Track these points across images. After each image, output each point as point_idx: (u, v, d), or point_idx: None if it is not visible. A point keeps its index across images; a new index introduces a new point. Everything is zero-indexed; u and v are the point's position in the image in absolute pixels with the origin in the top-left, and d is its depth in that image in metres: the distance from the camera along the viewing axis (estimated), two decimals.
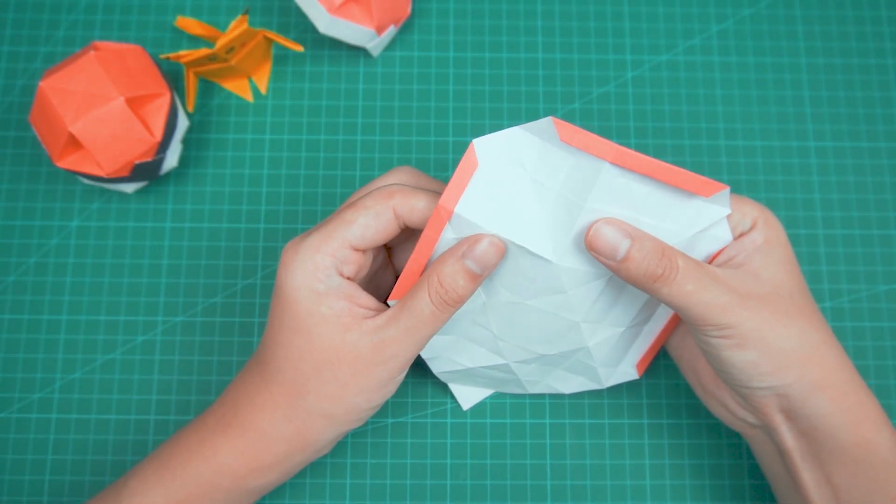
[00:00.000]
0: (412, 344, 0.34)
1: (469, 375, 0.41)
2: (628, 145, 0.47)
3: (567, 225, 0.33)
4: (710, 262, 0.36)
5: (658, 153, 0.46)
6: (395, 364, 0.34)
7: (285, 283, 0.34)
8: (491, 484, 0.42)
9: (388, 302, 0.35)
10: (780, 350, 0.34)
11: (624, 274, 0.33)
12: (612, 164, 0.32)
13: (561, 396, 0.43)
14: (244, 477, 0.36)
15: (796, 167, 0.47)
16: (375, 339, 0.34)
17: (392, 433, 0.43)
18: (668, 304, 0.34)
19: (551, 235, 0.33)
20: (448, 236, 0.33)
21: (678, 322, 0.40)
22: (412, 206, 0.34)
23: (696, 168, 0.46)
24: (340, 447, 0.43)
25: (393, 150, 0.46)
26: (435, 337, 0.39)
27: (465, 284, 0.33)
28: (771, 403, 0.35)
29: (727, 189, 0.33)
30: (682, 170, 0.32)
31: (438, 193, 0.35)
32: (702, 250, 0.36)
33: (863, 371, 0.44)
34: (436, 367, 0.40)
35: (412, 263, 0.34)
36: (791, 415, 0.35)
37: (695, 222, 0.34)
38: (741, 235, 0.36)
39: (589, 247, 0.33)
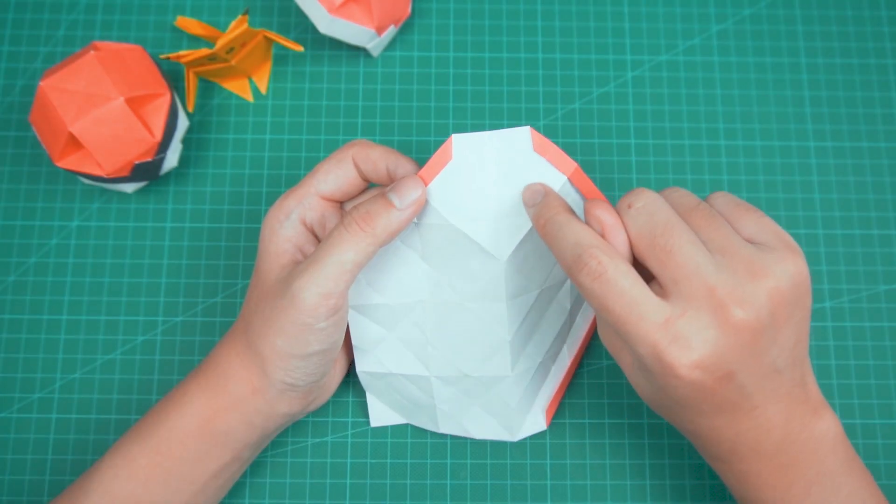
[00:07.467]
0: (320, 276, 0.34)
1: (389, 386, 0.41)
2: (628, 145, 0.47)
3: (517, 230, 0.36)
4: None
5: (658, 153, 0.46)
6: (302, 302, 0.34)
7: (262, 225, 0.38)
8: (491, 484, 0.42)
9: None
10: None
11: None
12: (569, 180, 0.36)
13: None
14: (209, 419, 0.36)
15: (796, 167, 0.47)
16: (288, 273, 0.36)
17: (392, 433, 0.43)
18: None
19: (501, 237, 0.36)
20: None
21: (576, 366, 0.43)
22: (367, 154, 0.38)
23: (697, 168, 0.46)
24: (341, 446, 0.43)
25: None
26: (370, 326, 0.39)
27: (379, 209, 0.35)
28: None
29: None
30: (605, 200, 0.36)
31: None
32: None
33: (863, 371, 0.44)
34: (360, 364, 0.41)
35: None
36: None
37: None
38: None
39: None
